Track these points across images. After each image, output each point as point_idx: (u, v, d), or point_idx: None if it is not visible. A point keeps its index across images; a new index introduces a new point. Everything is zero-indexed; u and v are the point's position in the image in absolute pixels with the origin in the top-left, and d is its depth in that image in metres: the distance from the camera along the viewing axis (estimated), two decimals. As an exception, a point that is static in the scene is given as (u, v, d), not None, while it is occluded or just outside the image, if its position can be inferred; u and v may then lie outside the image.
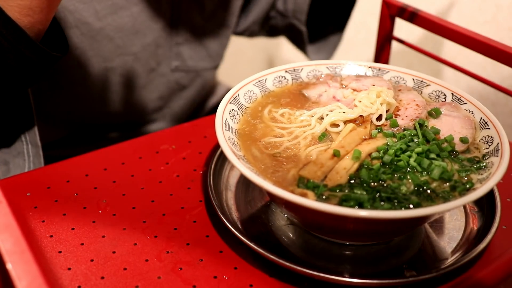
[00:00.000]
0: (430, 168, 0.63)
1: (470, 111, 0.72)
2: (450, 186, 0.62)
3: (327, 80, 0.80)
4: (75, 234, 0.67)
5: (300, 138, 0.69)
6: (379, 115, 0.72)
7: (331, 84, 0.78)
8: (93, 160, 0.80)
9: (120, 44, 0.99)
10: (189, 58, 1.10)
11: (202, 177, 0.77)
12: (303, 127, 0.71)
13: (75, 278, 0.61)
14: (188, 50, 1.09)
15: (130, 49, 1.01)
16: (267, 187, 0.57)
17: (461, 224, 0.71)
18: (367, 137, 0.69)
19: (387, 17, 0.97)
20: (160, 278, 0.62)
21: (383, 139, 0.68)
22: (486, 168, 0.63)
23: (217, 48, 1.14)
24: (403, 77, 0.80)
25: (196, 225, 0.69)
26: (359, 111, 0.71)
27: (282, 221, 0.70)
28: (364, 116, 0.71)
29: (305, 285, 0.62)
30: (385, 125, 0.71)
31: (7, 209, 0.60)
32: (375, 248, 0.67)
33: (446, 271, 0.61)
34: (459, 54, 1.30)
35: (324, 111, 0.72)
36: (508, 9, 1.23)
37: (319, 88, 0.78)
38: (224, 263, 0.64)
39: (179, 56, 1.09)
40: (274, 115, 0.73)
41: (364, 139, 0.68)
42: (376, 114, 0.72)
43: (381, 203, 0.59)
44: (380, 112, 0.72)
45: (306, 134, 0.69)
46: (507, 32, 1.24)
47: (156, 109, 1.12)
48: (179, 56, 1.09)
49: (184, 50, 1.09)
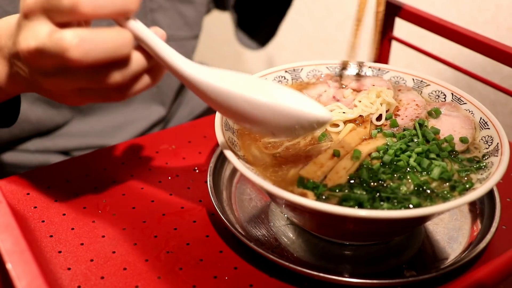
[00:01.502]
0: (430, 168, 0.63)
1: (470, 111, 0.72)
2: (450, 186, 0.62)
3: (327, 80, 0.80)
4: (75, 234, 0.67)
5: (300, 138, 0.69)
6: (379, 115, 0.72)
7: (331, 84, 0.78)
8: (93, 160, 0.80)
9: None
10: (167, 27, 1.09)
11: (202, 177, 0.77)
12: None
13: (75, 278, 0.61)
14: (164, 17, 1.09)
15: None
16: (267, 187, 0.57)
17: (461, 224, 0.71)
18: (367, 137, 0.69)
19: (387, 17, 0.97)
20: (160, 278, 0.62)
21: (383, 139, 0.68)
22: (486, 168, 0.63)
23: (194, 16, 1.14)
24: (403, 77, 0.80)
25: (196, 225, 0.69)
26: (359, 111, 0.71)
27: (282, 221, 0.70)
28: (364, 116, 0.71)
29: (305, 285, 0.62)
30: (385, 125, 0.71)
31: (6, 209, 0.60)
32: (375, 248, 0.67)
33: (446, 271, 0.61)
34: (459, 54, 1.30)
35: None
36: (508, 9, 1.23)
37: (318, 88, 0.78)
38: (224, 263, 0.64)
39: (155, 23, 1.07)
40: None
41: (364, 139, 0.68)
42: (376, 114, 0.72)
43: (381, 203, 0.59)
44: (380, 112, 0.72)
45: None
46: (507, 32, 1.24)
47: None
48: (155, 24, 1.07)
49: (160, 17, 1.08)
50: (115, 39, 0.53)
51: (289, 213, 0.66)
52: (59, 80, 0.56)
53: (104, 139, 1.04)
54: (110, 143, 1.03)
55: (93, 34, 0.52)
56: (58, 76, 0.56)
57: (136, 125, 1.08)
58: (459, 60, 1.29)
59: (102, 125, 1.05)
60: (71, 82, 0.56)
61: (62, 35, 0.52)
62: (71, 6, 0.51)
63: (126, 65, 0.55)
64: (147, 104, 1.09)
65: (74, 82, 0.56)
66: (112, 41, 0.53)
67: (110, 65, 0.54)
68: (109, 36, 0.53)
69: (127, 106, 1.07)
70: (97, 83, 0.56)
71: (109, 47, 0.53)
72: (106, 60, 0.53)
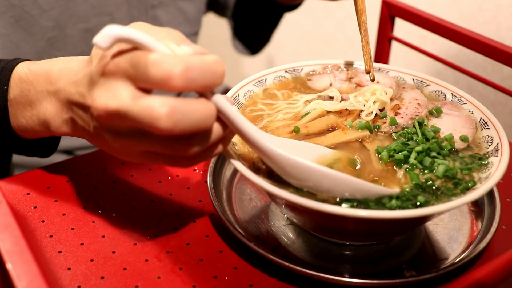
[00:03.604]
0: (433, 166, 0.63)
1: (470, 111, 0.72)
2: (453, 183, 0.61)
3: (333, 70, 0.80)
4: (75, 234, 0.67)
5: (280, 113, 0.72)
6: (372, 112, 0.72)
7: (337, 75, 0.79)
8: (93, 160, 0.80)
9: (95, 3, 0.99)
10: (167, 23, 1.10)
11: (202, 177, 0.77)
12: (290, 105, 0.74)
13: (75, 278, 0.61)
14: (164, 14, 1.09)
15: (106, 9, 1.00)
16: (267, 187, 0.57)
17: (461, 224, 0.71)
18: (338, 126, 0.70)
19: (387, 17, 0.97)
20: (160, 278, 0.62)
21: (354, 133, 0.68)
22: (486, 168, 0.63)
23: (194, 13, 1.14)
24: (403, 77, 0.80)
25: (196, 225, 0.69)
26: (342, 105, 0.73)
27: (282, 221, 0.70)
28: (350, 110, 0.72)
29: (305, 285, 0.62)
30: (385, 122, 0.71)
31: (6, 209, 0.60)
32: (375, 248, 0.67)
33: (446, 271, 0.61)
34: (459, 54, 1.30)
35: (314, 97, 0.75)
36: (508, 9, 1.23)
37: (324, 79, 0.79)
38: (224, 263, 0.64)
39: (156, 20, 1.08)
40: (274, 91, 0.77)
41: (333, 127, 0.70)
42: (367, 111, 0.72)
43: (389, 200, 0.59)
44: (372, 110, 0.72)
45: (288, 111, 0.72)
46: (507, 32, 1.24)
47: None
48: (156, 20, 1.08)
49: (160, 14, 1.08)
50: (202, 111, 0.53)
51: (289, 213, 0.66)
52: (132, 142, 0.56)
53: None
54: None
55: (182, 105, 0.52)
56: (131, 138, 0.56)
57: None
58: (459, 60, 1.29)
59: None
60: (145, 145, 0.56)
61: (151, 103, 0.51)
62: (163, 80, 0.51)
63: (207, 137, 0.56)
64: None
65: (148, 146, 0.56)
66: (200, 113, 0.53)
67: (192, 135, 0.54)
68: (197, 108, 0.53)
69: None
70: (173, 151, 0.56)
71: (197, 119, 0.53)
72: (192, 131, 0.53)
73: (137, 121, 0.52)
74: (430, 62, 1.37)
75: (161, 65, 0.51)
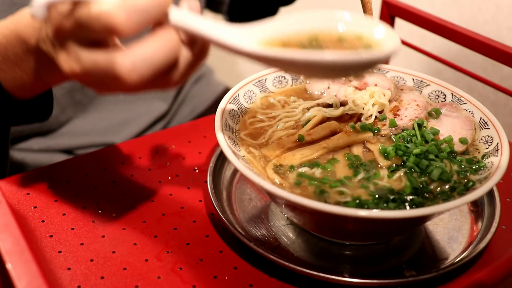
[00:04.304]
0: (428, 169, 0.63)
1: (470, 111, 0.72)
2: (450, 187, 0.61)
3: None
4: (75, 234, 0.67)
5: (281, 123, 0.72)
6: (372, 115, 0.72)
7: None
8: (93, 160, 0.80)
9: None
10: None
11: (202, 177, 0.77)
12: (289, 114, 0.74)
13: (75, 278, 0.61)
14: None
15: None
16: (267, 187, 0.57)
17: (461, 224, 0.71)
18: (342, 130, 0.70)
19: (387, 17, 0.97)
20: (160, 278, 0.62)
21: (358, 135, 0.69)
22: (486, 168, 0.63)
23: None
24: (403, 77, 0.80)
25: (196, 225, 0.69)
26: (341, 110, 0.73)
27: (282, 221, 0.70)
28: (351, 114, 0.72)
29: (305, 285, 0.62)
30: (384, 124, 0.71)
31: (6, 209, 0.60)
32: (375, 248, 0.67)
33: (446, 271, 0.61)
34: (459, 54, 1.30)
35: (313, 104, 0.75)
36: (508, 9, 1.23)
37: (322, 84, 0.79)
38: (224, 263, 0.64)
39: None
40: (271, 100, 0.76)
41: (336, 131, 0.70)
42: (366, 114, 0.72)
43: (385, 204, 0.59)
44: (371, 113, 0.72)
45: (287, 119, 0.72)
46: (507, 32, 1.24)
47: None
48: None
49: None
50: (164, 47, 0.51)
51: (289, 213, 0.66)
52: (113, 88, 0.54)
53: (107, 137, 1.04)
54: (113, 141, 1.03)
55: (142, 51, 0.50)
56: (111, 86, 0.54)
57: (138, 121, 1.08)
58: (459, 60, 1.29)
59: (105, 123, 1.05)
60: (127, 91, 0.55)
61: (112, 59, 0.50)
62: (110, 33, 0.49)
63: (178, 65, 0.54)
64: (148, 100, 1.10)
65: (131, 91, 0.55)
66: (163, 50, 0.51)
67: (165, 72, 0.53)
68: (158, 47, 0.51)
69: (129, 103, 1.07)
70: (155, 89, 0.55)
71: (160, 59, 0.51)
72: (161, 71, 0.52)
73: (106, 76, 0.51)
74: (430, 62, 1.37)
75: (101, 19, 0.48)
